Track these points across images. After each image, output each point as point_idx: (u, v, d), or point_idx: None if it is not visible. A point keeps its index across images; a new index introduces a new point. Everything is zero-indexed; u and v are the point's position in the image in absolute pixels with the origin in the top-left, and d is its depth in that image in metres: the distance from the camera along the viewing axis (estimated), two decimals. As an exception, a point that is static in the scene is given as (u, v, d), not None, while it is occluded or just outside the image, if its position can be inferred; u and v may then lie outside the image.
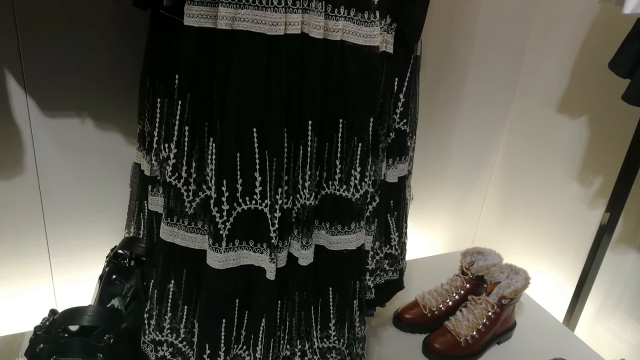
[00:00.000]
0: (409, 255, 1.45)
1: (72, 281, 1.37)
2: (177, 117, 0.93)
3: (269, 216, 0.96)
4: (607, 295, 1.54)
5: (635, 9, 1.03)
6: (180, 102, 0.92)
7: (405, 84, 1.13)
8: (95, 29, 1.16)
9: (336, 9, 0.91)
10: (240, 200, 0.95)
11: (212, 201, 0.94)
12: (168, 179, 0.96)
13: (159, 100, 1.02)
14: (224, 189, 0.93)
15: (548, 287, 1.72)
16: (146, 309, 1.06)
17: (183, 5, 0.87)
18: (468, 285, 1.45)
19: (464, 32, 1.57)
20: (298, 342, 1.09)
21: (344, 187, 1.01)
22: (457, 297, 1.44)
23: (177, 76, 0.94)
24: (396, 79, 1.11)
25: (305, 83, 0.93)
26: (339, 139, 0.99)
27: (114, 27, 1.17)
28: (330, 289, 1.07)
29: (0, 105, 1.14)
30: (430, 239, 1.91)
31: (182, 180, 0.96)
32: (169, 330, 1.05)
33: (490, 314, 1.34)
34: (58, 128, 1.21)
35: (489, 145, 1.84)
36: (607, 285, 1.54)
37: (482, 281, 1.45)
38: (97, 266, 1.28)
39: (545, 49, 1.66)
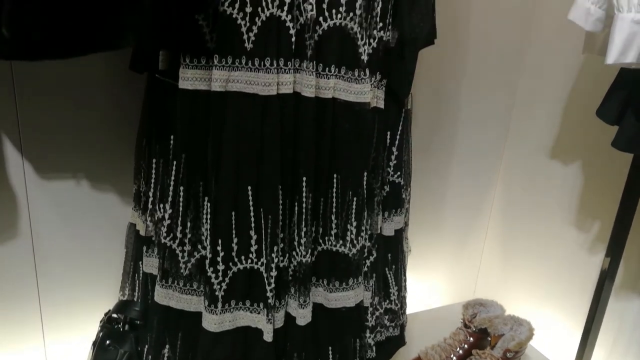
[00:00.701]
0: (409, 309, 1.43)
1: (65, 345, 1.33)
2: (172, 177, 0.93)
3: (265, 275, 0.94)
4: (614, 343, 1.51)
5: (618, 59, 1.05)
6: (175, 162, 0.93)
7: (398, 137, 1.14)
8: (92, 91, 1.18)
9: (327, 68, 0.93)
10: (236, 260, 0.94)
11: (207, 261, 0.93)
12: (163, 240, 0.95)
13: (154, 160, 1.03)
14: (219, 248, 0.92)
15: (553, 336, 1.68)
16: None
17: (178, 69, 0.89)
18: (471, 338, 1.41)
19: (454, 81, 1.61)
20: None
21: (341, 242, 1.00)
22: (461, 351, 1.41)
23: (172, 137, 0.95)
24: (388, 133, 1.12)
25: (298, 140, 0.94)
26: (334, 194, 0.99)
27: (110, 89, 1.19)
28: (330, 348, 1.04)
29: (-4, 170, 1.14)
30: (431, 291, 1.88)
31: (177, 241, 0.95)
32: (164, 397, 1.01)
33: (496, 368, 1.31)
34: (54, 190, 1.21)
35: (484, 193, 1.85)
36: (613, 332, 1.50)
37: (485, 334, 1.41)
38: (90, 329, 1.25)
39: (534, 96, 1.69)
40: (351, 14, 0.93)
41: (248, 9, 0.85)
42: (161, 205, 0.97)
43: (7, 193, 1.17)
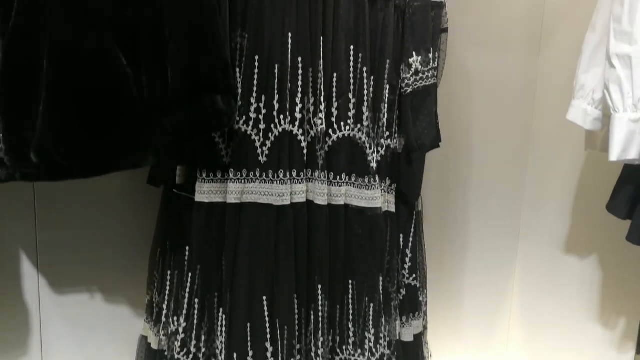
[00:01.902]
0: (434, 420, 1.34)
1: None
2: (187, 290, 0.93)
3: (282, 390, 0.91)
4: None
5: (620, 156, 1.08)
6: (190, 274, 0.93)
7: (411, 239, 1.14)
8: (109, 203, 1.21)
9: (338, 176, 0.96)
10: (252, 374, 0.91)
11: (222, 377, 0.90)
12: (177, 356, 0.93)
13: (169, 272, 1.03)
14: (234, 362, 0.90)
15: None
16: None
17: (194, 183, 0.92)
18: None
19: (461, 183, 1.64)
20: None
21: (359, 351, 0.97)
22: None
23: (187, 248, 0.96)
24: (401, 236, 1.13)
25: (312, 247, 0.95)
26: (350, 301, 0.97)
27: (127, 201, 1.22)
28: None
29: (12, 286, 1.15)
30: (455, 397, 1.77)
31: (190, 356, 0.93)
32: None
33: None
34: (67, 305, 1.21)
35: (502, 292, 1.80)
36: None
37: None
38: None
39: (542, 194, 1.71)
40: (359, 125, 0.98)
41: (262, 126, 0.90)
42: (175, 318, 0.95)
43: (21, 309, 1.17)
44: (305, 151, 0.93)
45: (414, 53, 1.05)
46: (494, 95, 1.64)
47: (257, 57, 0.91)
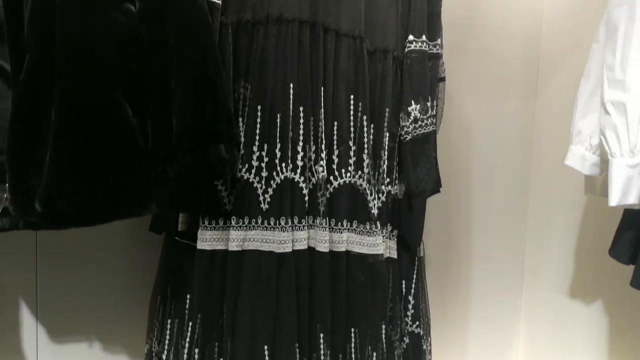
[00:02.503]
0: None
1: None
2: (187, 339, 0.92)
3: None
4: None
5: (620, 201, 1.08)
6: (190, 323, 0.93)
7: (413, 286, 1.14)
8: (110, 250, 1.21)
9: (339, 223, 0.97)
10: None
11: None
12: (176, 408, 0.91)
13: (169, 321, 1.02)
14: (235, 415, 0.88)
15: None
16: None
17: (196, 230, 0.93)
18: None
19: (463, 228, 1.64)
20: None
21: (363, 402, 0.95)
22: None
23: (188, 296, 0.96)
24: (403, 282, 1.12)
25: (314, 295, 0.95)
26: (353, 350, 0.96)
27: (129, 249, 1.22)
28: None
29: (10, 335, 1.13)
30: None
31: (190, 408, 0.91)
32: None
33: None
34: (65, 355, 1.19)
35: (507, 338, 1.77)
36: None
37: None
38: None
39: (544, 238, 1.70)
40: (360, 172, 0.99)
41: (264, 174, 0.92)
42: (175, 369, 0.94)
43: (19, 359, 1.15)
44: (306, 198, 0.94)
45: (412, 102, 1.07)
46: (493, 141, 1.66)
47: (259, 107, 0.93)
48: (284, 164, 0.93)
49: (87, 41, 0.77)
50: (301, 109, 0.95)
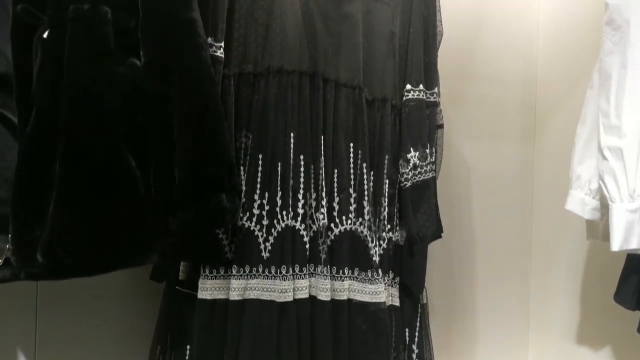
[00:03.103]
0: None
1: None
2: (187, 393, 0.90)
3: None
4: None
5: (622, 246, 1.08)
6: (190, 374, 0.91)
7: (417, 333, 1.12)
8: (110, 300, 1.20)
9: (341, 271, 0.96)
10: None
11: None
12: None
13: (169, 372, 1.01)
14: None
15: None
16: None
17: (197, 279, 0.93)
18: None
19: (467, 274, 1.62)
20: None
21: None
22: None
23: (188, 347, 0.94)
24: (407, 330, 1.10)
25: (316, 344, 0.93)
26: (356, 401, 0.94)
27: (129, 298, 1.21)
28: None
29: (5, 389, 1.11)
30: None
31: None
32: None
33: None
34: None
35: (515, 387, 1.72)
36: None
37: None
38: None
39: (549, 284, 1.68)
40: (360, 219, 1.00)
41: (265, 222, 0.92)
42: None
43: (12, 414, 1.12)
44: (307, 246, 0.94)
45: (411, 149, 1.09)
46: (494, 186, 1.67)
47: (260, 156, 0.95)
48: (284, 212, 0.94)
49: (92, 94, 0.80)
50: (302, 157, 0.97)
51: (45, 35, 0.80)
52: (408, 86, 1.11)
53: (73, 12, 0.79)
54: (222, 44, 0.94)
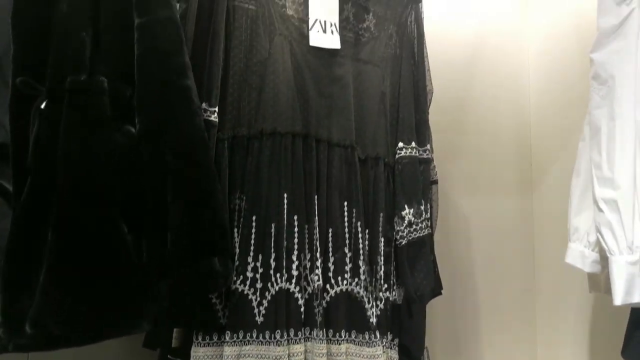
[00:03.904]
0: None
1: None
2: None
3: None
4: None
5: (624, 300, 1.06)
6: None
7: (419, 396, 1.08)
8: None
9: (337, 333, 0.94)
10: None
11: None
12: None
13: None
14: None
15: None
16: None
17: (190, 345, 0.90)
18: None
19: (470, 330, 1.58)
20: None
21: None
22: None
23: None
24: (409, 394, 1.07)
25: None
26: None
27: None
28: None
29: None
30: None
31: None
32: None
33: None
34: None
35: None
36: None
37: None
38: None
39: (555, 340, 1.63)
40: (356, 279, 0.98)
41: (259, 285, 0.91)
42: None
43: None
44: (302, 309, 0.93)
45: (405, 206, 1.09)
46: (494, 239, 1.66)
47: (254, 218, 0.95)
48: (278, 275, 0.93)
49: (87, 163, 0.81)
50: (295, 217, 0.97)
51: (42, 106, 0.82)
52: (400, 144, 1.12)
53: (70, 84, 0.81)
54: (216, 109, 0.96)
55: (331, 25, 1.08)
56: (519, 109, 1.75)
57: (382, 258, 1.05)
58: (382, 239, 1.06)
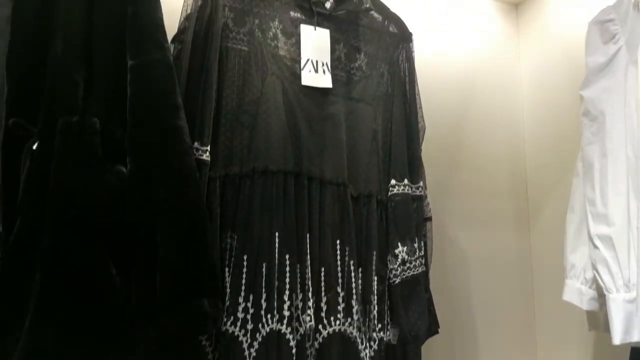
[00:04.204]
0: None
1: None
2: None
3: None
4: None
5: (623, 339, 1.04)
6: None
7: None
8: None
9: None
10: None
11: None
12: None
13: None
14: None
15: None
16: None
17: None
18: None
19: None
20: None
21: None
22: None
23: None
24: None
25: None
26: None
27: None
28: None
29: None
30: None
31: None
32: None
33: None
34: None
35: None
36: None
37: None
38: None
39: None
40: (349, 320, 0.97)
41: (249, 326, 0.90)
42: None
43: None
44: (294, 350, 0.91)
45: (399, 244, 1.08)
46: (492, 275, 1.64)
47: (245, 257, 0.94)
48: (269, 315, 0.91)
49: (77, 204, 0.80)
50: (287, 257, 0.96)
51: (34, 147, 0.82)
52: (393, 181, 1.13)
53: (62, 125, 0.82)
54: (209, 148, 0.96)
55: (323, 64, 1.09)
56: (514, 144, 1.76)
57: (376, 297, 1.03)
58: (376, 278, 1.05)
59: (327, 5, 1.15)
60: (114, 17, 0.88)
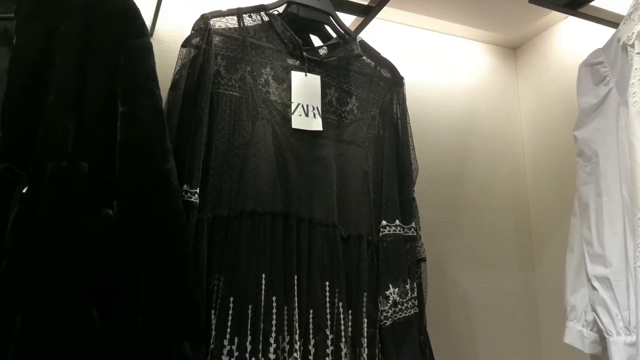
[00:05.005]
0: None
1: None
2: None
3: None
4: None
5: (625, 385, 1.00)
6: None
7: None
8: None
9: None
10: None
11: None
12: None
13: None
14: None
15: None
16: None
17: None
18: None
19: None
20: None
21: None
22: None
23: None
24: None
25: None
26: None
27: None
28: None
29: None
30: None
31: None
32: None
33: None
34: None
35: None
36: None
37: None
38: None
39: None
40: None
41: None
42: None
43: None
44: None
45: (390, 285, 1.07)
46: (496, 316, 1.61)
47: (231, 299, 0.94)
48: (254, 358, 0.90)
49: (61, 247, 0.81)
50: (274, 298, 0.95)
51: (24, 191, 0.84)
52: (384, 222, 1.12)
53: (51, 169, 0.84)
54: (197, 190, 0.98)
55: (314, 109, 1.12)
56: (516, 184, 1.75)
57: (366, 340, 1.01)
58: (366, 320, 1.03)
59: (321, 52, 1.18)
60: (109, 68, 0.92)
